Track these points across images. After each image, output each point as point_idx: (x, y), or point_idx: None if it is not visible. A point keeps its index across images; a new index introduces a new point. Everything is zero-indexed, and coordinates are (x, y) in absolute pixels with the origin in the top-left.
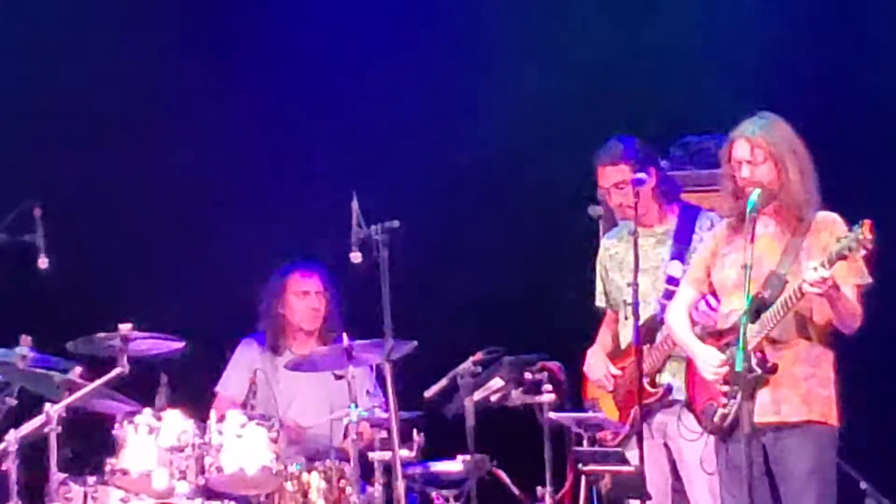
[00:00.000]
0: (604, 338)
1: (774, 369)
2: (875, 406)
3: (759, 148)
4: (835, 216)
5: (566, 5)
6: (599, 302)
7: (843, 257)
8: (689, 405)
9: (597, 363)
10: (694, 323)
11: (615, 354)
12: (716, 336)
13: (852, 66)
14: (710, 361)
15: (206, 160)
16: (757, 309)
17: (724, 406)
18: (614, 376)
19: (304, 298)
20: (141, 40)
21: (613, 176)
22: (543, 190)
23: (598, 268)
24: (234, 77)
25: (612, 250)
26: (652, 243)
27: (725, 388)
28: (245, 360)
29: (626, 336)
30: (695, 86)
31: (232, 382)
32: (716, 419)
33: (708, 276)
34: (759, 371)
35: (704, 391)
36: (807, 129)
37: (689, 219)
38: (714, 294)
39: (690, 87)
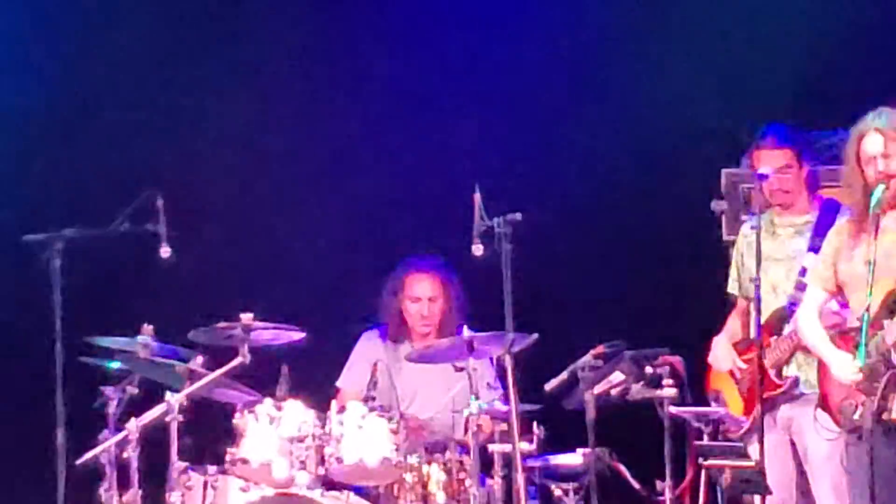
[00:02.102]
0: (732, 326)
1: None
2: None
3: (892, 141)
4: None
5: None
6: (731, 289)
7: None
8: (824, 404)
9: (723, 355)
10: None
11: (743, 345)
12: (852, 333)
13: None
14: (847, 367)
15: (329, 151)
16: (893, 303)
17: (864, 404)
18: (740, 369)
19: (416, 304)
20: (262, 37)
21: (775, 160)
22: (666, 183)
23: (735, 254)
24: (358, 70)
25: (749, 237)
26: (790, 233)
27: (863, 386)
28: (366, 354)
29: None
30: (817, 80)
31: (354, 377)
32: (856, 417)
33: (835, 274)
34: None
35: (839, 389)
36: None
37: (830, 213)
38: (840, 292)
39: (813, 81)
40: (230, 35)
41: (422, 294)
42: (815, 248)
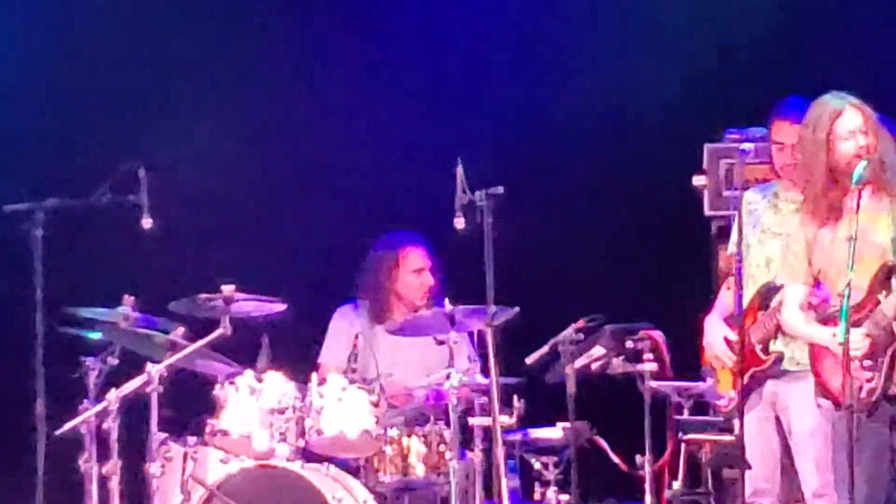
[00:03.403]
0: (725, 299)
1: None
2: None
3: (866, 116)
4: None
5: None
6: (731, 250)
7: None
8: (825, 392)
9: (715, 336)
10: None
11: (735, 319)
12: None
13: None
14: (853, 341)
15: (310, 124)
16: (886, 277)
17: (870, 380)
18: (732, 345)
19: (419, 275)
20: (247, 11)
21: (793, 134)
22: (649, 158)
23: (737, 217)
24: (340, 45)
25: (752, 205)
26: (792, 209)
27: (868, 363)
28: (344, 328)
29: (748, 296)
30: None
31: (333, 351)
32: (863, 395)
33: (809, 267)
34: None
35: (838, 373)
36: None
37: None
38: (816, 283)
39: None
40: (214, 9)
41: (423, 264)
42: None
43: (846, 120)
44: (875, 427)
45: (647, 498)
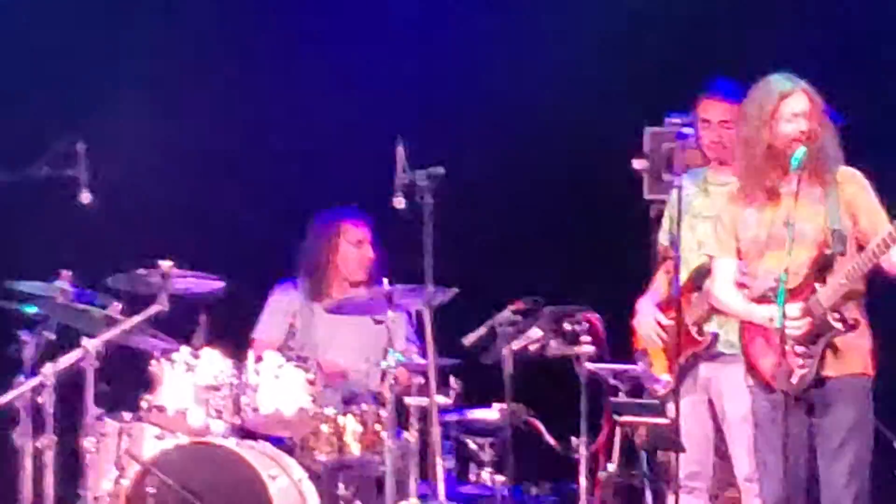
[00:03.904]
0: (659, 283)
1: (856, 326)
2: None
3: (814, 102)
4: (853, 170)
5: None
6: (662, 240)
7: None
8: (754, 373)
9: (646, 317)
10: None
11: (669, 303)
12: (769, 296)
13: None
14: (791, 316)
15: (251, 100)
16: (822, 267)
17: (802, 367)
18: (664, 327)
19: (359, 248)
20: None
21: (721, 112)
22: (589, 141)
23: (668, 208)
24: (280, 23)
25: (683, 191)
26: (721, 192)
27: (800, 350)
28: (282, 305)
29: (681, 279)
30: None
31: (269, 327)
32: (794, 380)
33: (737, 241)
34: (840, 328)
35: (768, 355)
36: None
37: None
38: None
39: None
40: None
41: (363, 237)
42: None
43: (793, 102)
44: (799, 413)
45: (582, 480)
